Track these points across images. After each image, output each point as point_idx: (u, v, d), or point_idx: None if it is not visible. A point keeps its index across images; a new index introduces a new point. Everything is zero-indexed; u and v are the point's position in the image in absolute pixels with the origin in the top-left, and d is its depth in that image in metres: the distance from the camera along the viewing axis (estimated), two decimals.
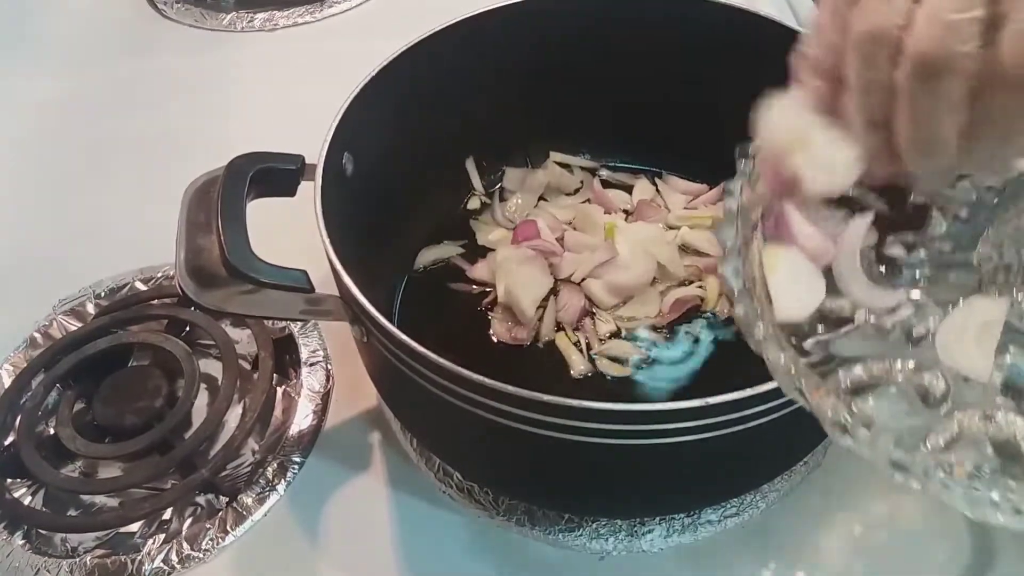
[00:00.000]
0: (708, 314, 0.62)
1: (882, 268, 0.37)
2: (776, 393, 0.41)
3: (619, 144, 0.72)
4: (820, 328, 0.36)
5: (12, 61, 0.93)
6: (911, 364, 0.35)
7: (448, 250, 0.67)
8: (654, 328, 0.61)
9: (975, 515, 0.31)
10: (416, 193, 0.66)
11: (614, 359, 0.59)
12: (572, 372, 0.59)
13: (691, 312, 0.62)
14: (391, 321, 0.44)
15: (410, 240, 0.67)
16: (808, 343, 0.35)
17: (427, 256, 0.67)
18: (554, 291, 0.63)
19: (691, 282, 0.63)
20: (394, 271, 0.65)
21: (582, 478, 0.49)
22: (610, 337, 0.60)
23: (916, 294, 0.36)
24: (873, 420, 0.32)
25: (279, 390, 0.62)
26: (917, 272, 0.37)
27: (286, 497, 0.56)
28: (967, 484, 0.31)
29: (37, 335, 0.66)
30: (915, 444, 0.31)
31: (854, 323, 0.36)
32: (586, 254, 0.64)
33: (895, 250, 0.38)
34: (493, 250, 0.66)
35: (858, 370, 0.35)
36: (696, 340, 0.60)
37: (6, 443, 0.60)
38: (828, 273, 0.37)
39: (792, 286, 0.36)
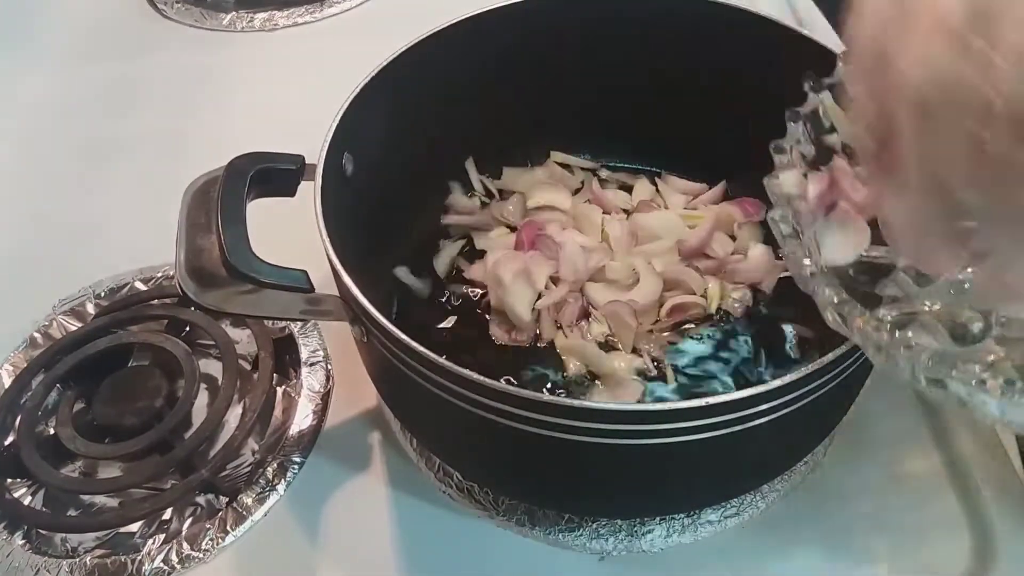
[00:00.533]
0: (714, 318, 0.61)
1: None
2: (776, 393, 0.41)
3: (619, 144, 0.72)
4: (863, 275, 0.38)
5: (12, 60, 0.93)
6: (951, 304, 0.36)
7: (450, 249, 0.67)
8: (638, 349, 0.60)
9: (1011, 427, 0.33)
10: (416, 193, 0.66)
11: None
12: (567, 372, 0.59)
13: (692, 318, 0.61)
14: (391, 321, 0.44)
15: (410, 240, 0.67)
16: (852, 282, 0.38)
17: (443, 261, 0.66)
18: (553, 282, 0.62)
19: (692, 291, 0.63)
20: (394, 271, 0.65)
21: (582, 478, 0.49)
22: (603, 338, 0.60)
23: None
24: (912, 344, 0.34)
25: (279, 390, 0.62)
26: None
27: (286, 497, 0.56)
28: (999, 396, 0.32)
29: (37, 335, 0.66)
30: (951, 365, 0.33)
31: (897, 268, 0.38)
32: (585, 255, 0.63)
33: None
34: None
35: (901, 307, 0.37)
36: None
37: (6, 443, 0.60)
38: (873, 225, 0.39)
39: (839, 234, 0.39)
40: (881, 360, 0.35)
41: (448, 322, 0.63)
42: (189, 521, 0.56)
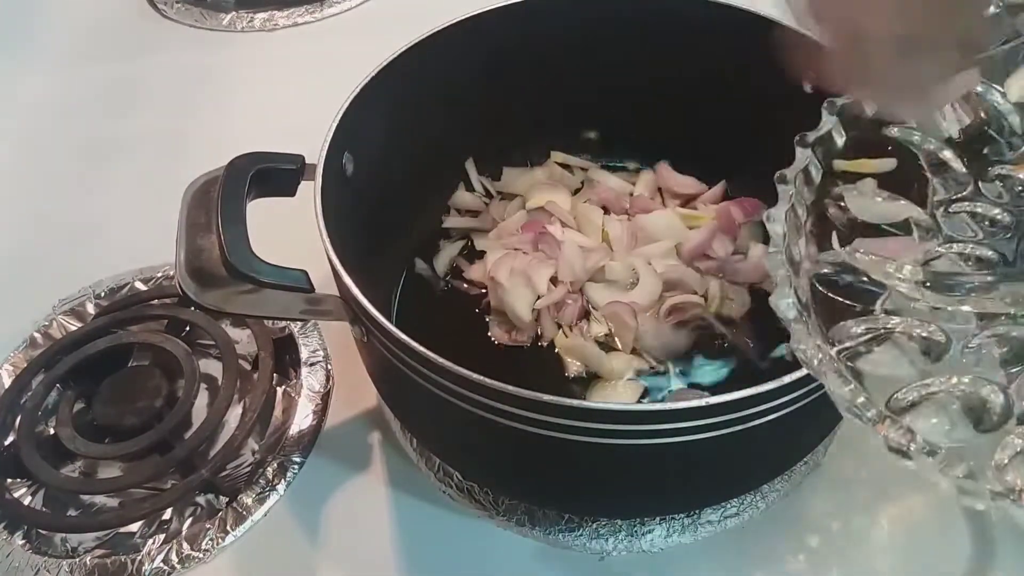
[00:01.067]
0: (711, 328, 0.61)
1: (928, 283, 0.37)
2: (776, 393, 0.41)
3: (619, 144, 0.72)
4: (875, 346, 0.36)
5: (12, 61, 0.93)
6: (967, 379, 0.34)
7: (450, 249, 0.67)
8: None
9: None
10: (416, 193, 0.66)
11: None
12: (567, 372, 0.59)
13: (692, 318, 0.61)
14: (390, 321, 0.44)
15: (410, 240, 0.67)
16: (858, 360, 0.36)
17: (442, 262, 0.66)
18: (553, 283, 0.62)
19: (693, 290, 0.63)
20: (394, 271, 0.65)
21: (582, 478, 0.49)
22: (603, 338, 0.60)
23: (966, 307, 0.36)
24: (938, 448, 0.32)
25: (279, 390, 0.62)
26: (967, 286, 0.37)
27: (286, 497, 0.56)
28: None
29: (37, 335, 0.66)
30: (981, 468, 0.31)
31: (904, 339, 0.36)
32: (583, 256, 0.63)
33: (945, 264, 0.38)
34: None
35: (914, 389, 0.35)
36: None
37: (6, 443, 0.60)
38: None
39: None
40: (901, 462, 0.33)
41: (448, 322, 0.63)
42: (189, 521, 0.56)
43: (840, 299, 0.38)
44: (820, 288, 0.38)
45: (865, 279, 0.38)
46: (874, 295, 0.38)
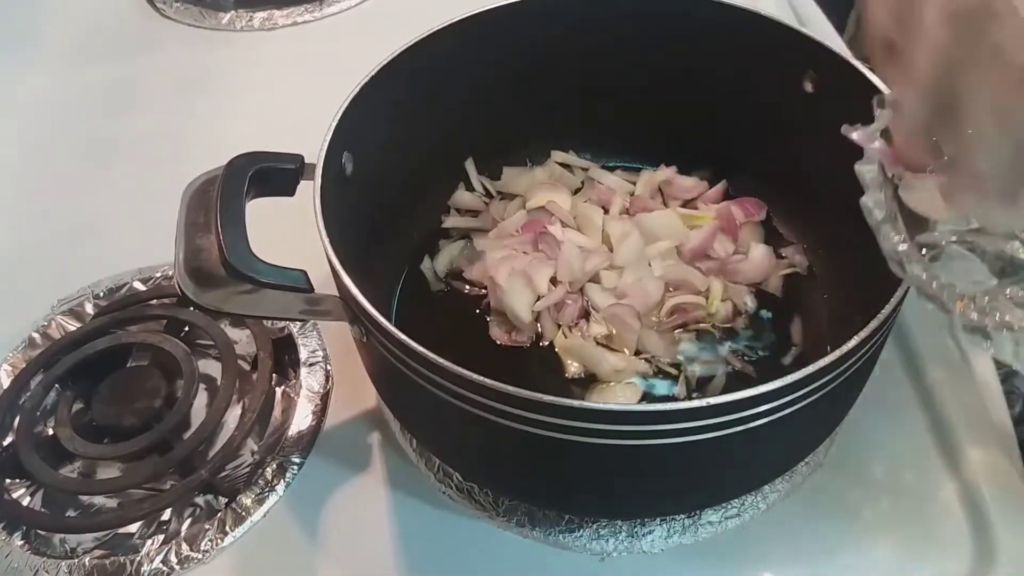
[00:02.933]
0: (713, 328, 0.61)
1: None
2: (777, 393, 0.41)
3: (619, 144, 0.72)
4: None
5: (12, 61, 0.93)
6: None
7: (450, 249, 0.67)
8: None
9: None
10: (416, 193, 0.66)
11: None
12: (567, 373, 0.59)
13: (694, 319, 0.61)
14: (390, 321, 0.44)
15: (410, 240, 0.67)
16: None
17: (442, 262, 0.66)
18: (553, 283, 0.62)
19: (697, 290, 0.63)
20: (394, 271, 0.65)
21: (582, 478, 0.49)
22: (603, 339, 0.60)
23: None
24: (1015, 324, 0.34)
25: (278, 390, 0.62)
26: None
27: (285, 498, 0.56)
28: None
29: (36, 335, 0.66)
30: None
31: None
32: (582, 256, 0.63)
33: None
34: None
35: (991, 293, 0.36)
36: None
37: (5, 443, 0.59)
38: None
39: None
40: (980, 343, 0.35)
41: (448, 322, 0.63)
42: (188, 522, 0.55)
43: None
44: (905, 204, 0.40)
45: None
46: None
